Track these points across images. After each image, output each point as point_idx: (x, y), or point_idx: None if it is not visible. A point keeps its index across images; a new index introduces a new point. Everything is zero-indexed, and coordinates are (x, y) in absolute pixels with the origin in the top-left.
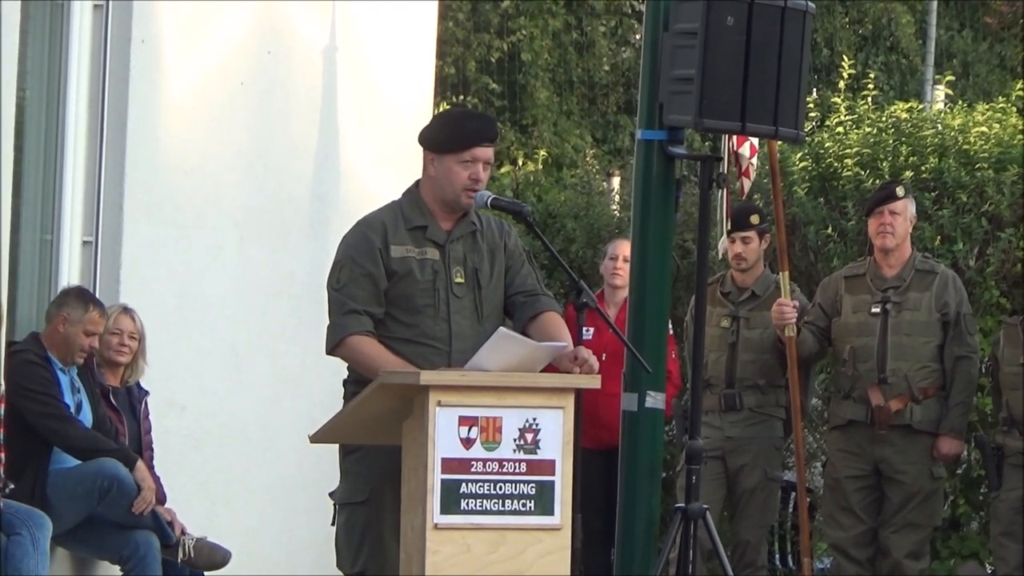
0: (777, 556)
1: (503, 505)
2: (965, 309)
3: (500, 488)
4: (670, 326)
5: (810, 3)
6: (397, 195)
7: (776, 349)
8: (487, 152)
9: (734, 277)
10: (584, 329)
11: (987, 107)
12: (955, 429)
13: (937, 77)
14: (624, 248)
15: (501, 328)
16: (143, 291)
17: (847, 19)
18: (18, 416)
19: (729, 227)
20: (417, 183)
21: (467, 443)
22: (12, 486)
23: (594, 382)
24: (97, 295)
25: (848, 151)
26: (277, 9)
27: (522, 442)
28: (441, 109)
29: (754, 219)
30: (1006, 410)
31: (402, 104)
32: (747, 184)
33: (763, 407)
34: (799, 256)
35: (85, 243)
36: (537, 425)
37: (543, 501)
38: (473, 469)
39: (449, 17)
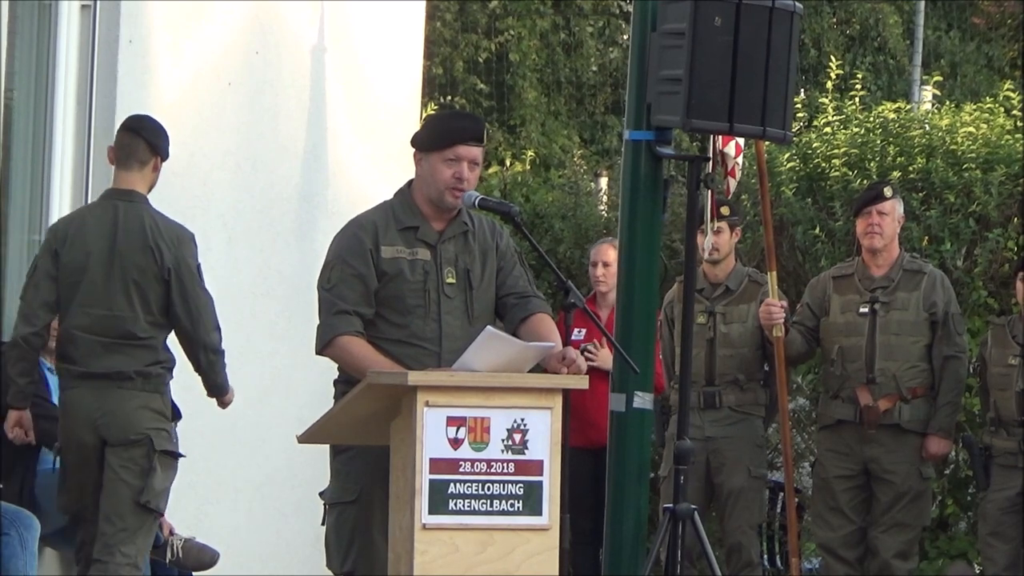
0: (765, 556)
1: (491, 505)
2: (953, 309)
3: (488, 488)
4: None
5: (798, 4)
6: (386, 195)
7: (754, 343)
8: (471, 151)
9: (705, 272)
10: (576, 330)
11: (975, 107)
12: (943, 429)
13: (925, 77)
14: (603, 254)
15: (489, 327)
16: None
17: (835, 19)
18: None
19: (711, 224)
20: (409, 183)
21: (455, 443)
22: (0, 487)
23: (582, 382)
24: None
25: (836, 151)
26: (266, 9)
27: (510, 442)
28: (429, 109)
29: (724, 211)
30: (994, 410)
31: (390, 104)
32: (733, 184)
33: (743, 405)
34: (787, 256)
35: None
36: (525, 425)
37: (531, 501)
38: (461, 469)
39: (437, 17)
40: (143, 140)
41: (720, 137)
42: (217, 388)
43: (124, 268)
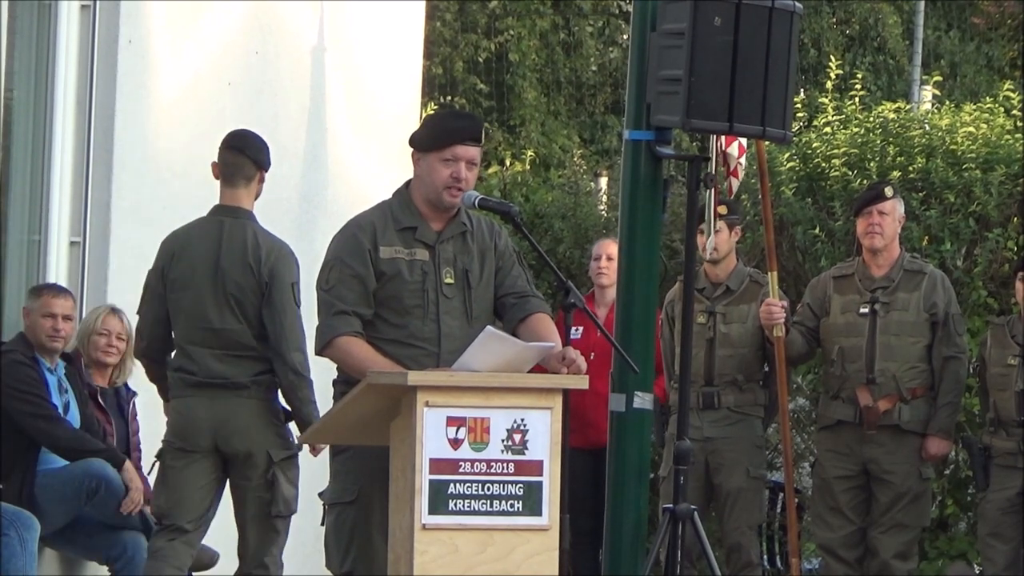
0: (765, 557)
1: (491, 506)
2: (953, 309)
3: (488, 488)
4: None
5: (797, 4)
6: (385, 196)
7: (754, 343)
8: (469, 151)
9: (707, 272)
10: (573, 328)
11: (974, 107)
12: (943, 429)
13: (924, 78)
14: (607, 247)
15: (488, 327)
16: (131, 291)
17: (834, 20)
18: (5, 416)
19: (714, 224)
20: (407, 184)
21: (455, 443)
22: (0, 487)
23: (582, 382)
24: (85, 296)
25: (836, 151)
26: (265, 9)
27: (510, 443)
28: (429, 109)
29: (722, 210)
30: (993, 411)
31: (390, 104)
32: (735, 184)
33: (741, 406)
34: (787, 256)
35: (72, 244)
36: (525, 426)
37: (531, 502)
38: (461, 470)
39: (437, 17)
40: (248, 158)
41: (723, 137)
42: (305, 425)
43: (225, 284)
